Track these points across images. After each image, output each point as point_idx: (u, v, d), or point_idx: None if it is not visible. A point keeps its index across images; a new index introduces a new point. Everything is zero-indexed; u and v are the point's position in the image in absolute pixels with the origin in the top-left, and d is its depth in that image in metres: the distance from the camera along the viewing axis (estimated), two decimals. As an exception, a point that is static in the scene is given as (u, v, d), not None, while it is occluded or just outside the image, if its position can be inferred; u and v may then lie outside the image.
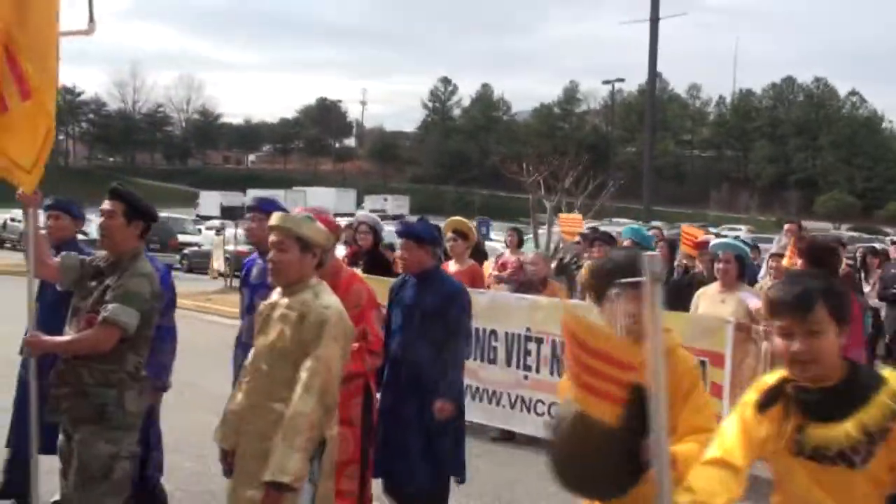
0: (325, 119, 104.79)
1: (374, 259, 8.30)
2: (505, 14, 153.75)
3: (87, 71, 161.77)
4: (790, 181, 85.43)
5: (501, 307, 7.91)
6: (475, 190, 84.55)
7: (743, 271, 7.06)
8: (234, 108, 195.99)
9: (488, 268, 9.80)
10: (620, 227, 22.67)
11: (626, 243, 7.68)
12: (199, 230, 33.24)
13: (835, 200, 78.87)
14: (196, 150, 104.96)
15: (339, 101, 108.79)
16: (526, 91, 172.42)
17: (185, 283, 17.30)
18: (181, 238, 28.97)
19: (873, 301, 10.29)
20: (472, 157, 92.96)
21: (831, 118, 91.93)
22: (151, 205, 4.39)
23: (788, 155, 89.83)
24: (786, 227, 10.47)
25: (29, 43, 4.19)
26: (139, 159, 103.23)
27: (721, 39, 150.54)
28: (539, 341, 7.64)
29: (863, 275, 11.27)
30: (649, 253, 2.37)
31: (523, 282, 8.87)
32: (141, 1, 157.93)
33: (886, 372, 2.44)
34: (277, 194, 59.10)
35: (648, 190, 27.22)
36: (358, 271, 6.11)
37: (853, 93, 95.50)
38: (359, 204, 64.10)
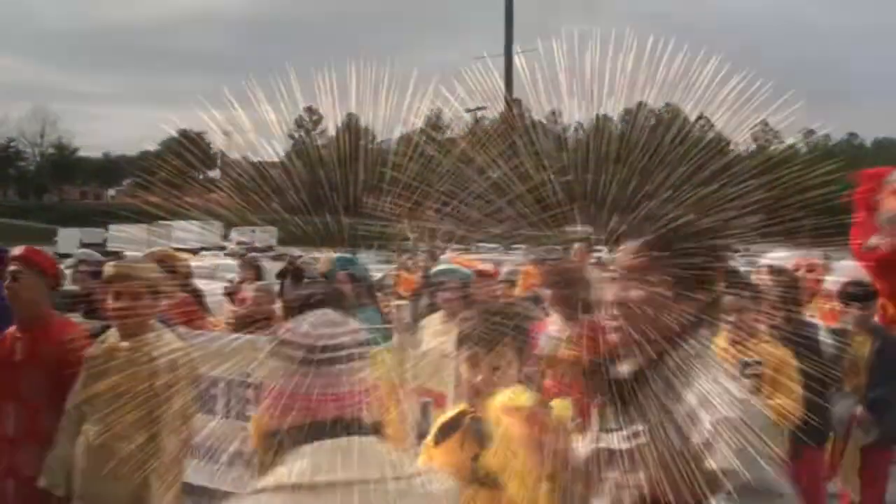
0: (187, 150, 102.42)
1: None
2: (367, 42, 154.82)
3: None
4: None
5: (221, 350, 6.04)
6: (344, 218, 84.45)
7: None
8: (92, 141, 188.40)
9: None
10: (483, 254, 23.22)
11: (340, 276, 6.69)
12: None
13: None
14: (52, 185, 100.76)
15: (203, 133, 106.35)
16: (392, 119, 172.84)
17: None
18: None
19: None
20: (339, 186, 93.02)
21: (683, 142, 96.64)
22: None
23: (643, 178, 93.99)
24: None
25: None
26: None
27: (578, 63, 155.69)
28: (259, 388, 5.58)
29: None
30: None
31: (239, 319, 7.38)
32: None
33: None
34: (139, 229, 57.50)
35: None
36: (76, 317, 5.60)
37: (701, 116, 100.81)
38: (226, 237, 62.82)
